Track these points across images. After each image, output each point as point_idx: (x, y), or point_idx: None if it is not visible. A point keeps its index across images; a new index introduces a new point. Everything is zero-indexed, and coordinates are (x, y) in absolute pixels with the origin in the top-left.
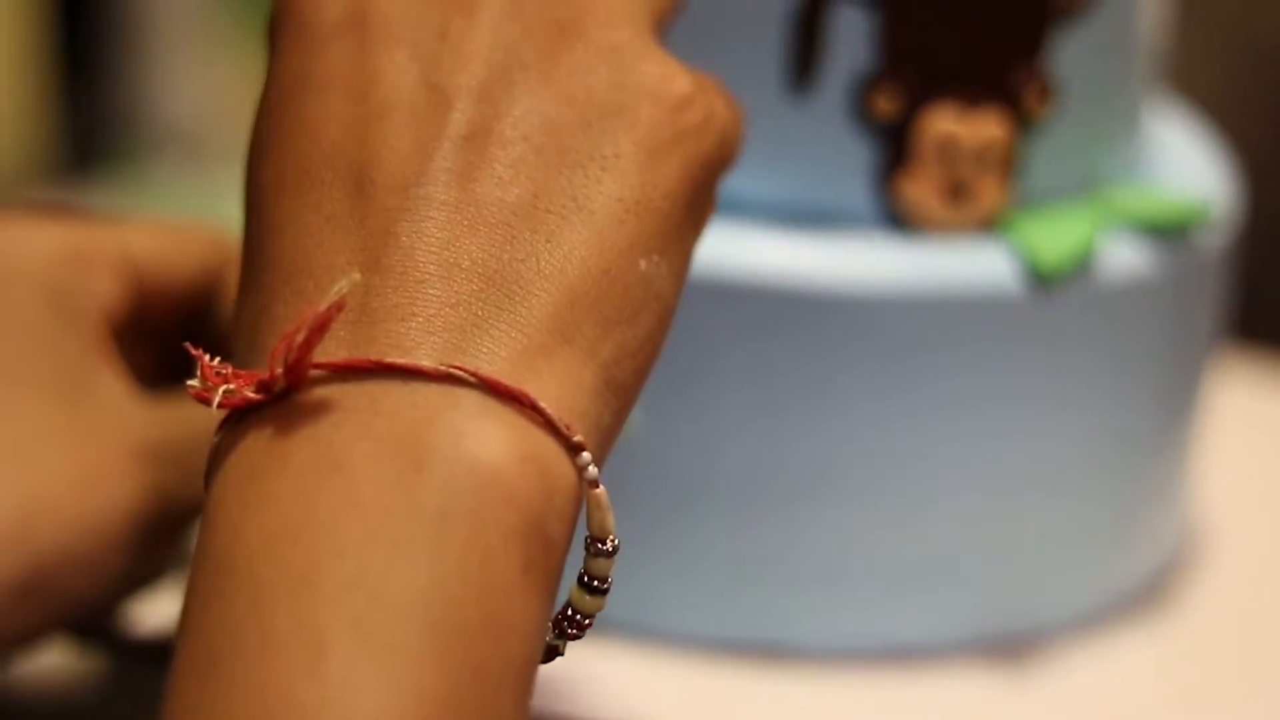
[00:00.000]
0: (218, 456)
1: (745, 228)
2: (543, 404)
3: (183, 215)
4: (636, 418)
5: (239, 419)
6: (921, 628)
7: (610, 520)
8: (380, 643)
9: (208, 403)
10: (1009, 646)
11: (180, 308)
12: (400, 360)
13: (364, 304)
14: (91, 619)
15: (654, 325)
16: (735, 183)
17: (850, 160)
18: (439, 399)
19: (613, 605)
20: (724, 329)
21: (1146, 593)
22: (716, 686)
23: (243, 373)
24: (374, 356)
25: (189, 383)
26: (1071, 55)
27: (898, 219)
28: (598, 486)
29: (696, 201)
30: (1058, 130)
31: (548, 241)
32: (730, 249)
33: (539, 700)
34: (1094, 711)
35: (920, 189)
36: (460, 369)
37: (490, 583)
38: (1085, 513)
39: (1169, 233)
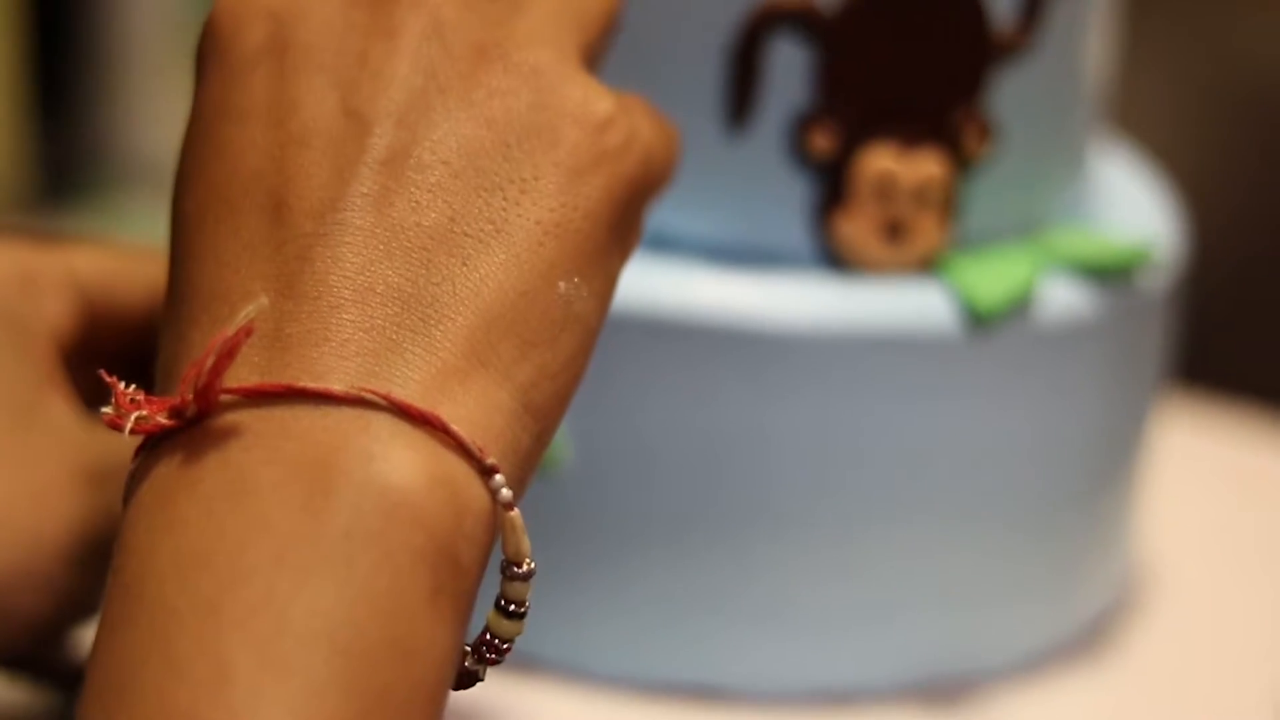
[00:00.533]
0: (133, 482)
1: (682, 265)
2: (455, 427)
3: (155, 246)
4: (569, 453)
5: (154, 445)
6: (859, 671)
7: (525, 544)
8: (285, 667)
9: (120, 429)
10: (947, 691)
11: (129, 330)
12: (311, 385)
13: (278, 329)
14: (36, 645)
15: (575, 348)
16: (672, 220)
17: (788, 198)
18: (350, 423)
19: (546, 644)
20: (660, 366)
21: (1089, 637)
22: None
23: (156, 399)
24: (286, 381)
25: (103, 410)
26: (1011, 96)
27: (835, 258)
28: (513, 509)
29: (620, 223)
30: (997, 171)
31: (464, 265)
32: (667, 285)
33: None
34: None
35: (857, 227)
36: (372, 392)
37: (397, 606)
38: (1025, 555)
39: (1110, 275)
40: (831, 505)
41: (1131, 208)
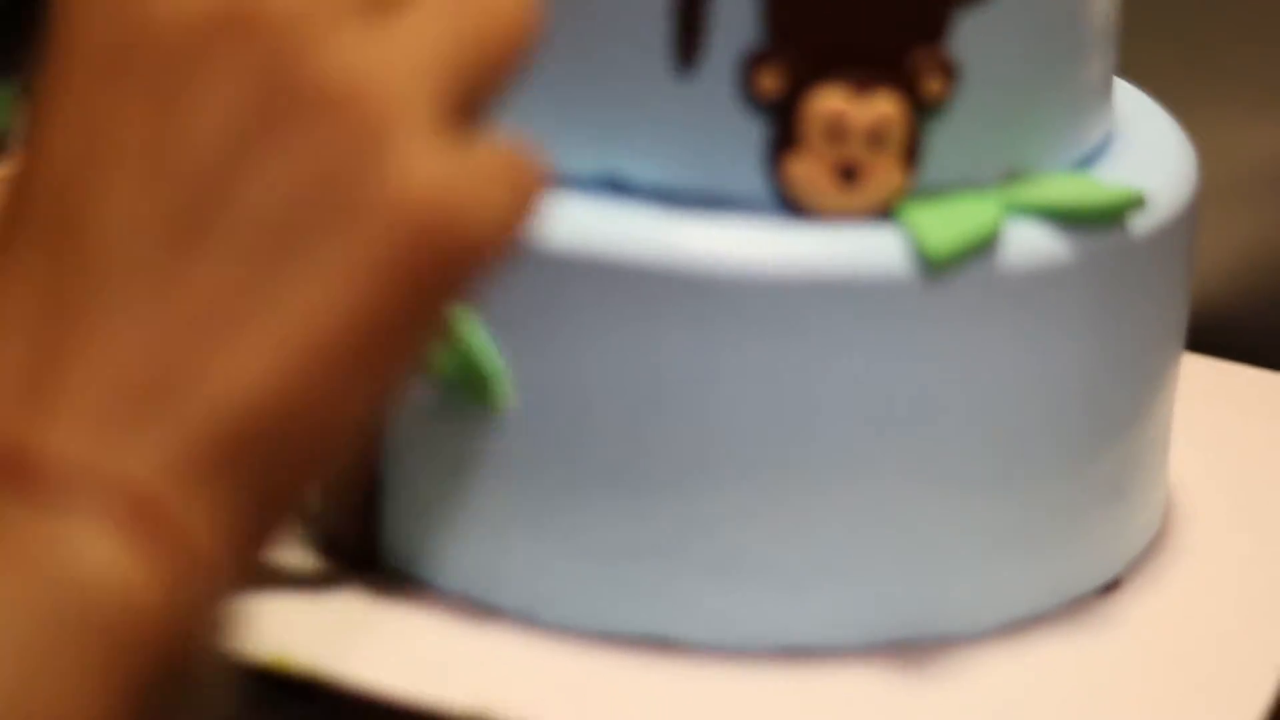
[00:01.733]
0: None
1: (632, 209)
2: (174, 524)
3: None
4: (510, 397)
5: None
6: (819, 627)
7: (226, 653)
8: None
9: None
10: (915, 652)
11: None
12: (33, 464)
13: (33, 378)
14: None
15: (330, 448)
16: (623, 163)
17: (739, 141)
18: (63, 508)
19: (498, 591)
20: (607, 309)
21: (1073, 604)
22: (603, 677)
23: None
24: (16, 447)
25: None
26: (979, 36)
27: (790, 203)
28: (220, 615)
29: (423, 315)
30: (967, 115)
31: (232, 351)
32: (615, 228)
33: (425, 687)
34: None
35: (808, 170)
36: (95, 480)
37: (78, 703)
38: (997, 514)
39: (1089, 221)
40: (782, 455)
41: (1134, 155)
